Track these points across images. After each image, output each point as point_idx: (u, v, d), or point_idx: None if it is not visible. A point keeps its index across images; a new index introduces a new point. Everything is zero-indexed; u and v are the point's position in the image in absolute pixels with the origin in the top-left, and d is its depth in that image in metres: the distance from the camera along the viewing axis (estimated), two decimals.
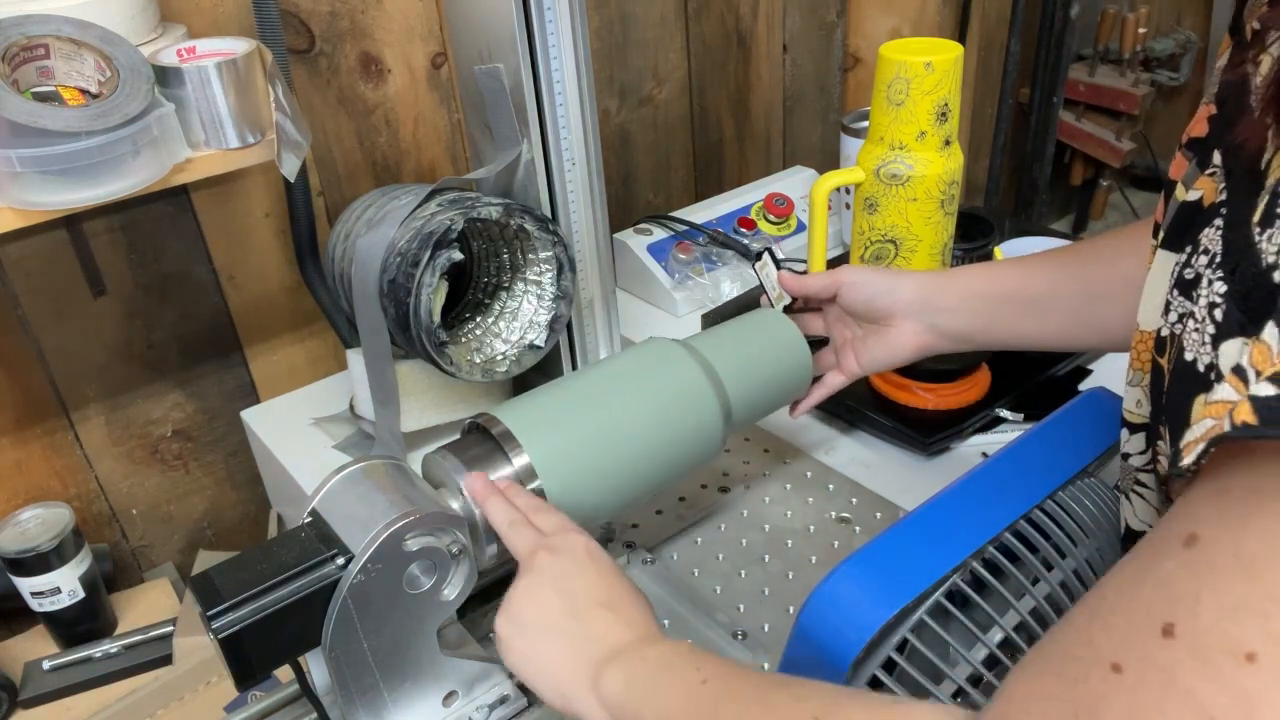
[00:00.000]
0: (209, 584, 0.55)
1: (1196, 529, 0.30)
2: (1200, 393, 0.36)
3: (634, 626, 0.52)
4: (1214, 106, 0.46)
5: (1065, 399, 0.70)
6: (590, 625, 0.52)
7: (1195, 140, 0.46)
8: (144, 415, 1.08)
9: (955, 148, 0.92)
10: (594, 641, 0.52)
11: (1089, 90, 2.09)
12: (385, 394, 0.88)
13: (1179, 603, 0.30)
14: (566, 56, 0.83)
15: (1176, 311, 0.41)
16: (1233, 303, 0.36)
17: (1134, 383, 0.49)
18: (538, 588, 0.54)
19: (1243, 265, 0.36)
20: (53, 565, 0.94)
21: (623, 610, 0.53)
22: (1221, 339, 0.36)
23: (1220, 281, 0.37)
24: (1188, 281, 0.40)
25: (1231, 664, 0.28)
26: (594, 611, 0.53)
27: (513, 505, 0.60)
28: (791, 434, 0.93)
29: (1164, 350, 0.42)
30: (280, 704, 0.66)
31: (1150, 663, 0.30)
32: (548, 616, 0.53)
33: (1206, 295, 0.38)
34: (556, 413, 0.67)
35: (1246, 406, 0.28)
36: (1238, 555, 0.29)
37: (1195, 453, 0.31)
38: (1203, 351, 0.37)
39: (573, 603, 0.53)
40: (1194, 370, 0.37)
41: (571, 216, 0.90)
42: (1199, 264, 0.40)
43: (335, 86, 1.08)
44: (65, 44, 0.75)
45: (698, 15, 1.37)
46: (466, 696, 0.65)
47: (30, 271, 0.96)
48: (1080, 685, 0.32)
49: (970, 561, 0.56)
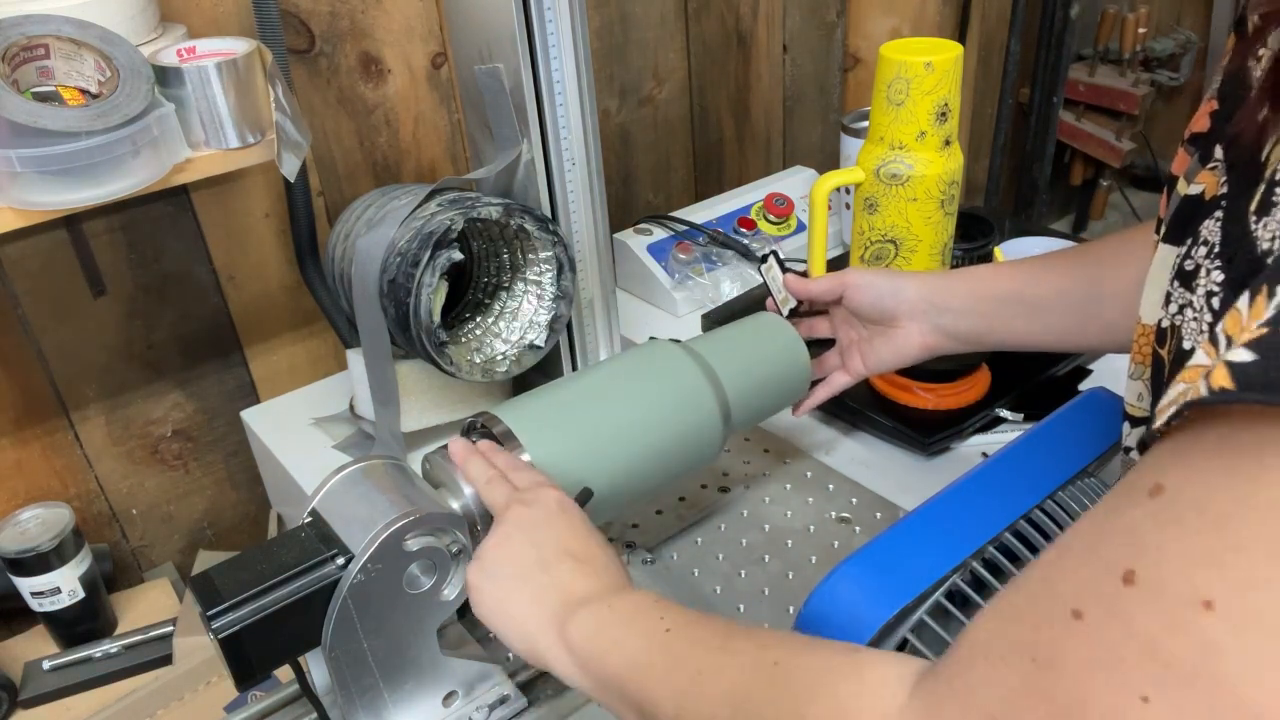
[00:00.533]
0: (209, 584, 0.55)
1: (1162, 480, 0.30)
2: None
3: (602, 577, 0.53)
4: (1216, 102, 0.46)
5: (1065, 399, 0.70)
6: (558, 574, 0.53)
7: (1197, 135, 0.47)
8: (144, 415, 1.08)
9: (955, 148, 0.92)
10: (561, 590, 0.52)
11: (1089, 90, 2.09)
12: (385, 394, 0.88)
13: (1142, 551, 0.30)
14: (566, 56, 0.83)
15: (1177, 303, 0.41)
16: (1230, 291, 0.36)
17: (1135, 376, 0.49)
18: (509, 538, 0.55)
19: (1239, 254, 0.36)
20: (53, 565, 0.94)
21: (591, 561, 0.54)
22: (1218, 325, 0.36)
23: (1218, 270, 0.37)
24: (1188, 273, 0.41)
25: (1190, 612, 0.28)
26: (563, 561, 0.53)
27: (491, 464, 0.61)
28: (791, 434, 0.93)
29: (1165, 341, 0.42)
30: (280, 704, 0.66)
31: (1110, 609, 0.30)
32: (518, 565, 0.54)
33: (1205, 284, 0.38)
34: (557, 412, 0.67)
35: (1223, 371, 0.28)
36: (1202, 509, 0.29)
37: (1167, 415, 0.31)
38: (1200, 339, 0.37)
39: (542, 553, 0.54)
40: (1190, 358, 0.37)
41: (571, 216, 0.90)
42: (1198, 255, 0.40)
43: (335, 86, 1.08)
44: (65, 44, 0.75)
45: (698, 15, 1.37)
46: (466, 696, 0.65)
47: (30, 271, 0.96)
48: (1041, 630, 0.32)
49: (970, 561, 0.56)
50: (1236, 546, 0.28)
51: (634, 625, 0.48)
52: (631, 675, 0.46)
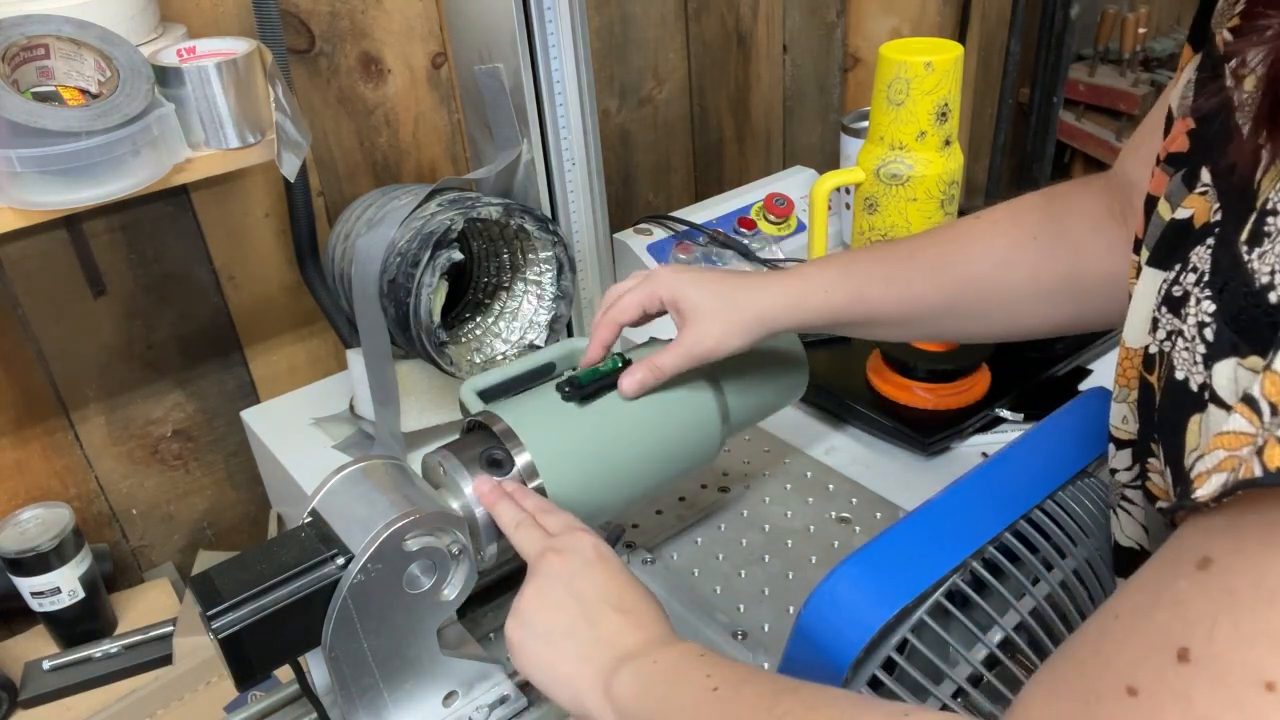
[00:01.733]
0: (209, 584, 0.55)
1: (1210, 553, 0.30)
2: (1195, 412, 0.36)
3: (645, 628, 0.52)
4: (1193, 122, 0.45)
5: (1065, 399, 0.70)
6: (601, 628, 0.52)
7: (1176, 156, 0.46)
8: (144, 415, 1.08)
9: (955, 148, 0.93)
10: (605, 645, 0.51)
11: (1089, 90, 2.09)
12: (385, 394, 0.88)
13: (1194, 626, 0.29)
14: (566, 56, 0.83)
15: (1165, 329, 0.41)
16: (1223, 322, 0.35)
17: (1121, 399, 0.49)
18: (547, 591, 0.54)
19: (1232, 284, 0.35)
20: (53, 565, 0.94)
21: (633, 612, 0.53)
22: (1214, 359, 0.35)
23: (1209, 300, 0.37)
24: (1176, 299, 0.40)
25: (1251, 692, 0.27)
26: (605, 614, 0.52)
27: (520, 507, 0.60)
28: (791, 434, 0.93)
29: (1153, 368, 0.42)
30: (280, 704, 0.66)
31: (1166, 687, 0.29)
32: (559, 620, 0.53)
33: (1195, 314, 0.38)
34: (557, 412, 0.67)
35: (1279, 452, 0.27)
36: (1257, 585, 0.28)
37: (1210, 487, 0.30)
38: (1194, 371, 0.37)
39: (583, 605, 0.53)
40: (1186, 389, 0.37)
41: (571, 216, 0.90)
42: (1187, 281, 0.40)
43: (335, 86, 1.08)
44: (65, 44, 0.75)
45: (698, 15, 1.37)
46: (466, 696, 0.65)
47: (30, 271, 0.96)
48: (1093, 706, 0.31)
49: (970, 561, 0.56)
50: None
51: (680, 684, 0.48)
52: None
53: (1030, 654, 0.56)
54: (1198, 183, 0.43)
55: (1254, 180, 0.37)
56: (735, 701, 0.45)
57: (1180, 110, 0.47)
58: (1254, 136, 0.36)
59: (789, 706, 0.43)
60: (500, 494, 0.61)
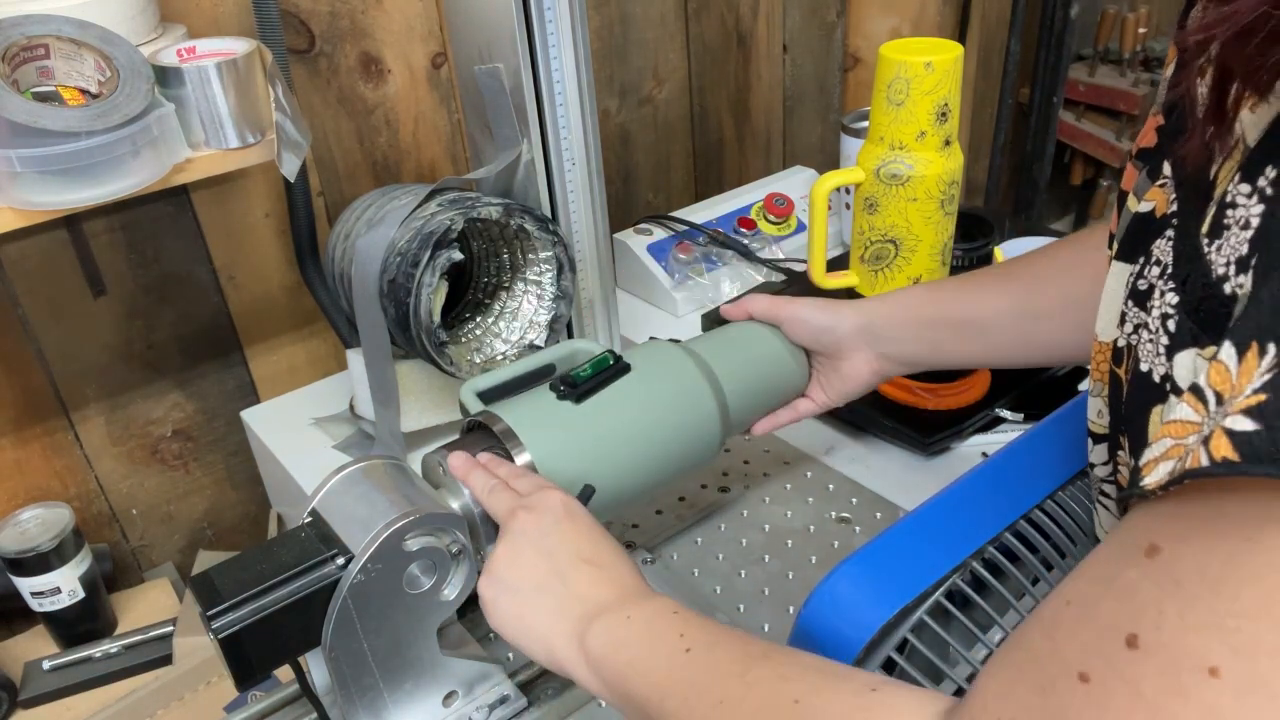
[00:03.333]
0: (209, 584, 0.55)
1: (1157, 540, 0.30)
2: (1157, 403, 0.37)
3: (618, 582, 0.52)
4: (1163, 117, 0.46)
5: (1065, 399, 0.70)
6: (574, 583, 0.52)
7: (1145, 151, 0.46)
8: (144, 415, 1.08)
9: (955, 148, 0.93)
10: (578, 599, 0.51)
11: (1089, 90, 2.09)
12: (385, 394, 0.88)
13: (1142, 613, 0.30)
14: (566, 56, 0.83)
15: (1132, 322, 0.41)
16: (1184, 314, 0.36)
17: (1095, 393, 0.49)
18: (518, 547, 0.54)
19: (1193, 276, 0.36)
20: (53, 565, 0.94)
21: (606, 566, 0.53)
22: (1175, 350, 0.36)
23: (1172, 293, 0.37)
24: (1141, 292, 0.41)
25: (1196, 678, 0.28)
26: (577, 568, 0.52)
27: (493, 474, 0.60)
28: (791, 434, 0.92)
29: (1121, 361, 0.42)
30: (280, 704, 0.66)
31: (1116, 674, 0.30)
32: (531, 575, 0.53)
33: (1159, 306, 0.38)
34: (557, 411, 0.67)
35: (1224, 441, 0.28)
36: (1202, 573, 0.29)
37: (1157, 475, 0.31)
38: (1157, 362, 0.37)
39: (554, 561, 0.53)
40: (1149, 381, 0.37)
41: (571, 216, 0.90)
42: (1151, 275, 0.40)
43: (335, 86, 1.08)
44: (65, 44, 0.75)
45: (698, 15, 1.37)
46: (466, 696, 0.65)
47: (30, 271, 0.96)
48: (1048, 693, 0.32)
49: (970, 561, 0.56)
50: (1239, 613, 0.28)
51: (654, 642, 0.48)
52: (651, 696, 0.46)
53: None
54: (1160, 175, 0.43)
55: (1209, 172, 0.37)
56: (708, 665, 0.46)
57: (1155, 106, 0.48)
58: (1202, 131, 0.36)
59: (760, 674, 0.43)
60: (472, 464, 0.61)
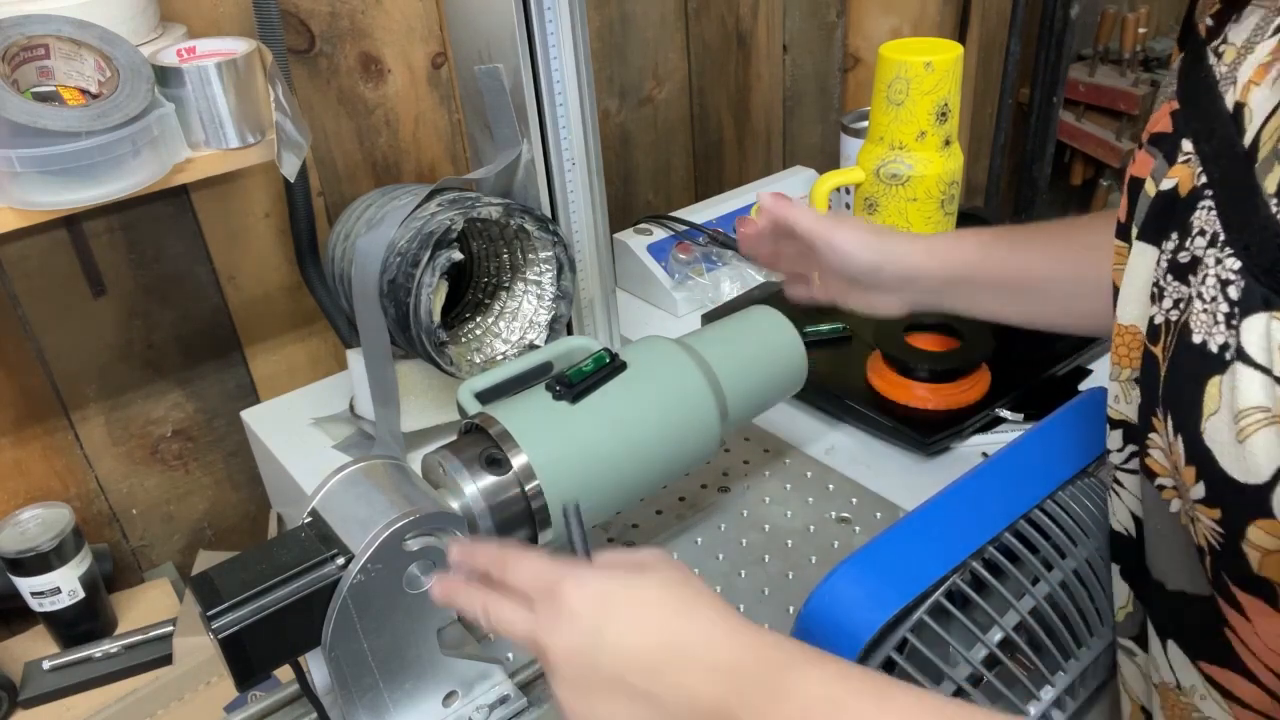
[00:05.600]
0: (209, 584, 0.54)
1: None
2: (1214, 373, 0.37)
3: (735, 677, 0.39)
4: (1177, 102, 0.46)
5: (1065, 399, 0.70)
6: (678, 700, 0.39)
7: (1159, 136, 0.47)
8: (144, 415, 1.08)
9: (955, 148, 0.93)
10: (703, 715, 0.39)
11: (1089, 90, 2.09)
12: (385, 394, 0.88)
13: None
14: (566, 56, 0.83)
15: (1171, 298, 0.41)
16: (1252, 277, 0.36)
17: (1115, 377, 0.50)
18: (583, 690, 0.41)
19: (1261, 239, 0.36)
20: (53, 565, 0.94)
21: (700, 656, 0.40)
22: (1243, 315, 0.36)
23: (1232, 258, 0.37)
24: (1183, 266, 0.41)
25: None
26: (672, 688, 0.40)
27: (477, 587, 0.49)
28: (792, 434, 0.93)
29: (1158, 339, 0.42)
30: (280, 704, 0.66)
31: None
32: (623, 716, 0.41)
33: (1215, 274, 0.38)
34: (554, 412, 0.67)
35: None
36: None
37: None
38: (1215, 331, 0.37)
39: (636, 691, 0.40)
40: (1203, 351, 0.37)
41: (571, 216, 0.90)
42: (1195, 247, 0.40)
43: (335, 86, 1.08)
44: (65, 44, 0.75)
45: (698, 15, 1.37)
46: (466, 696, 0.65)
47: (30, 271, 0.96)
48: None
49: (970, 561, 0.56)
50: None
51: None
52: None
53: (1030, 654, 0.56)
54: (1179, 154, 0.44)
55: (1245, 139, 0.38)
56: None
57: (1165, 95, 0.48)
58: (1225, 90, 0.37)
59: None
60: (449, 587, 0.51)
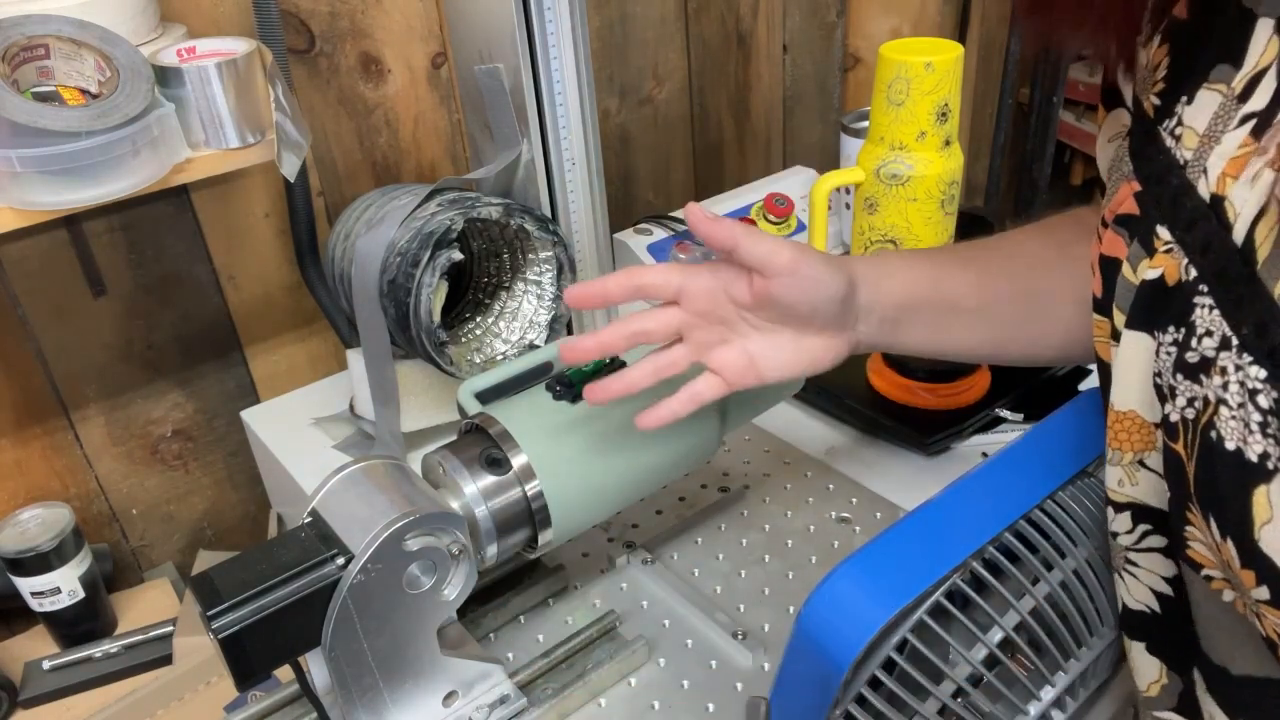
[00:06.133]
0: (209, 584, 0.54)
1: None
2: (1260, 483, 0.36)
3: None
4: (1138, 183, 0.45)
5: (1065, 399, 0.70)
6: None
7: (1125, 218, 0.46)
8: (144, 415, 1.08)
9: (955, 148, 0.93)
10: None
11: (1089, 90, 2.09)
12: (385, 394, 0.88)
13: None
14: (566, 56, 0.83)
15: (1185, 396, 0.40)
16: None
17: (1115, 462, 0.49)
18: None
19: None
20: (53, 565, 0.94)
21: None
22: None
23: (1254, 366, 0.37)
24: (1193, 365, 0.40)
25: None
26: None
27: None
28: (791, 434, 0.93)
29: (1177, 436, 0.41)
30: (280, 704, 0.66)
31: None
32: None
33: (1237, 380, 0.37)
34: (554, 412, 0.67)
35: None
36: None
37: None
38: (1250, 440, 0.37)
39: None
40: (1242, 460, 0.37)
41: (571, 216, 0.90)
42: (1203, 348, 0.39)
43: (335, 86, 1.08)
44: (65, 44, 0.75)
45: (698, 15, 1.37)
46: (466, 696, 0.65)
47: (30, 271, 0.96)
48: None
49: (970, 561, 0.56)
50: None
51: None
52: None
53: (1030, 654, 0.56)
54: (1158, 241, 0.43)
55: (1233, 234, 0.38)
56: None
57: (1118, 173, 0.47)
58: None
59: None
60: None
